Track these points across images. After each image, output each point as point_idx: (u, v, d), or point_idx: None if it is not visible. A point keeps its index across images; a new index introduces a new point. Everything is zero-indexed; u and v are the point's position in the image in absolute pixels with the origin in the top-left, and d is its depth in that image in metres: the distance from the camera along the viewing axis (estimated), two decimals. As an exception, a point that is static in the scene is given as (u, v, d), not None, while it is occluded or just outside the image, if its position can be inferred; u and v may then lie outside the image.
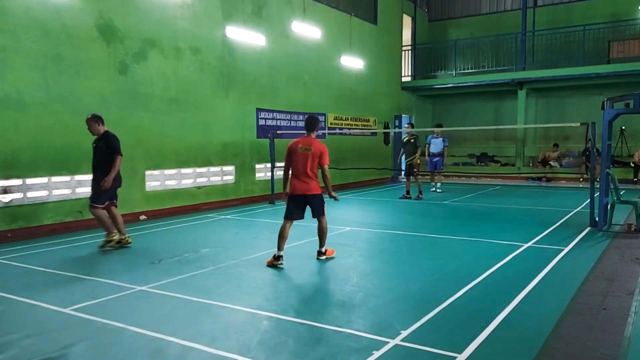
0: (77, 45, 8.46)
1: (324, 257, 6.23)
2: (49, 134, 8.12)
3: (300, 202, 6.07)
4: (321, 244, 6.25)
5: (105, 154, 6.75)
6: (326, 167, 6.06)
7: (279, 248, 5.93)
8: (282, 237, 5.96)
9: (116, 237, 6.95)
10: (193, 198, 10.63)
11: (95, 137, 6.89)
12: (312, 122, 6.19)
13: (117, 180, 6.88)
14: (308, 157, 5.98)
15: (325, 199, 6.19)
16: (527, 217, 9.35)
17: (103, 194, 6.76)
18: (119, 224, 6.97)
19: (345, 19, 15.53)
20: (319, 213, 6.12)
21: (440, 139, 13.32)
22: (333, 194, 6.25)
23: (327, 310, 4.35)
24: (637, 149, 16.23)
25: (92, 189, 6.95)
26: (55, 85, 8.18)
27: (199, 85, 10.75)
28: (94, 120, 6.84)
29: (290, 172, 6.17)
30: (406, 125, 12.88)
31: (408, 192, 12.44)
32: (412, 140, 12.13)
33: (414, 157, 12.10)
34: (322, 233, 6.20)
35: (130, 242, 7.06)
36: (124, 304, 4.60)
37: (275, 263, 5.86)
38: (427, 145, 13.51)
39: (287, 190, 6.22)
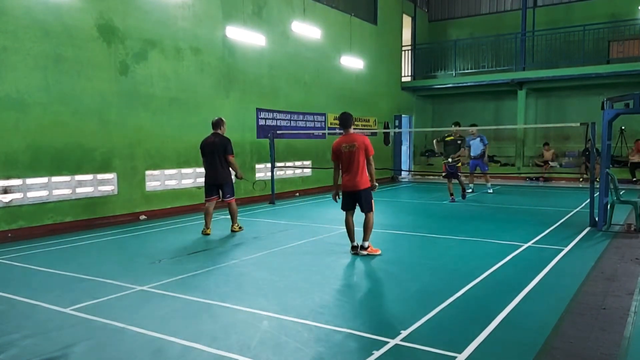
0: (78, 46, 8.47)
1: (365, 253, 6.29)
2: (49, 134, 8.13)
3: (351, 198, 6.42)
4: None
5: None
6: (371, 157, 6.32)
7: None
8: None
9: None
10: (193, 198, 10.63)
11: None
12: (346, 119, 6.39)
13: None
14: (354, 154, 6.21)
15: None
16: (527, 217, 9.34)
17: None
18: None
19: (345, 19, 15.54)
20: (366, 208, 6.34)
21: (478, 139, 12.75)
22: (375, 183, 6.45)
23: (327, 310, 4.35)
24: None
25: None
26: (55, 85, 8.18)
27: (200, 86, 10.76)
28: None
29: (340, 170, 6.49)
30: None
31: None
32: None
33: None
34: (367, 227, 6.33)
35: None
36: (124, 304, 4.60)
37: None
38: (467, 148, 12.90)
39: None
